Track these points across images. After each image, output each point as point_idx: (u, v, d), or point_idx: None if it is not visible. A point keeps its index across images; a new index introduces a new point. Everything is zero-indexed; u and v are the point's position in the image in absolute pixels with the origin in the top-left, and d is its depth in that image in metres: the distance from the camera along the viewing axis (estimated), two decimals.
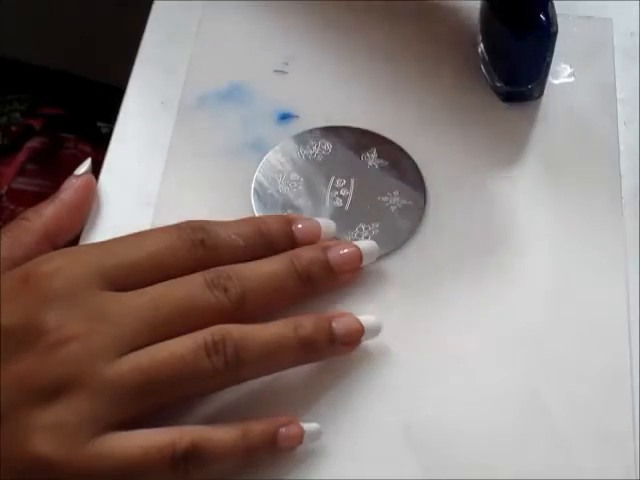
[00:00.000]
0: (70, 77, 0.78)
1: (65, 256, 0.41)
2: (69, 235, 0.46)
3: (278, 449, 0.39)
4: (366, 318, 0.42)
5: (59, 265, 0.40)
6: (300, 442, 0.40)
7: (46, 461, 0.36)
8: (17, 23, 0.79)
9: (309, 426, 0.40)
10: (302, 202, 0.48)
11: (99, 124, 0.74)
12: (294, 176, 0.48)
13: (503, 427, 0.42)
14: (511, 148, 0.49)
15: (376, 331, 0.42)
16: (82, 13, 0.79)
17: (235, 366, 0.39)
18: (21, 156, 0.68)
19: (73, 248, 0.43)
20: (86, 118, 0.73)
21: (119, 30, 0.63)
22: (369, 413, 0.42)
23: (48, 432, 0.36)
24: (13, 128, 0.70)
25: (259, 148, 0.49)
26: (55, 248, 0.43)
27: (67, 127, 0.72)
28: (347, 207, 0.47)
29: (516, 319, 0.44)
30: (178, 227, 0.42)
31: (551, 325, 0.44)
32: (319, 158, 0.49)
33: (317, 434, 0.40)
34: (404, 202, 0.48)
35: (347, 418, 0.42)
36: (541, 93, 0.51)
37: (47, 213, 0.45)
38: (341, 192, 0.48)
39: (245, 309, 0.40)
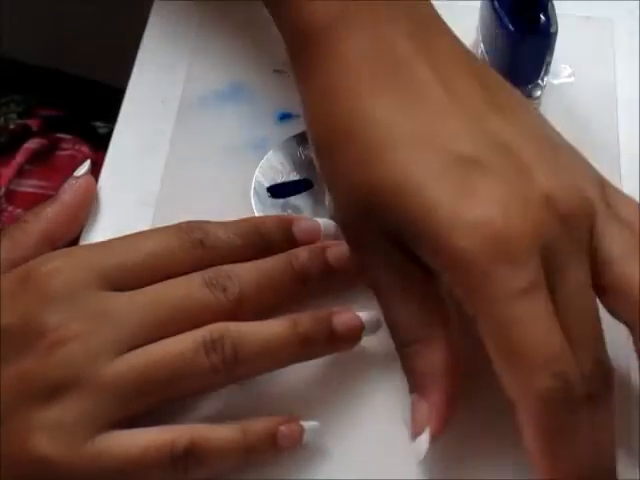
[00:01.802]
0: (69, 77, 0.78)
1: (64, 256, 0.41)
2: (68, 236, 0.46)
3: (278, 448, 0.39)
4: (366, 314, 0.42)
5: (58, 265, 0.40)
6: (300, 441, 0.40)
7: (46, 461, 0.36)
8: (16, 23, 0.79)
9: (309, 425, 0.40)
10: (302, 202, 0.48)
11: (98, 124, 0.73)
12: (294, 176, 0.48)
13: (503, 427, 0.42)
14: None
15: (376, 327, 0.42)
16: (82, 13, 0.79)
17: (234, 364, 0.39)
18: (19, 157, 0.68)
19: (72, 248, 0.43)
20: (85, 119, 0.73)
21: (119, 30, 0.63)
22: (369, 412, 0.42)
23: (48, 432, 0.36)
24: (11, 128, 0.70)
25: (259, 148, 0.49)
26: (54, 249, 0.43)
27: (65, 128, 0.72)
28: None
29: None
30: (177, 227, 0.42)
31: None
32: None
33: (317, 433, 0.40)
34: None
35: (346, 417, 0.42)
36: (541, 93, 0.51)
37: (46, 215, 0.45)
38: None
39: (244, 308, 0.40)
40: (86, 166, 0.47)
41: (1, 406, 0.37)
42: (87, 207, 0.47)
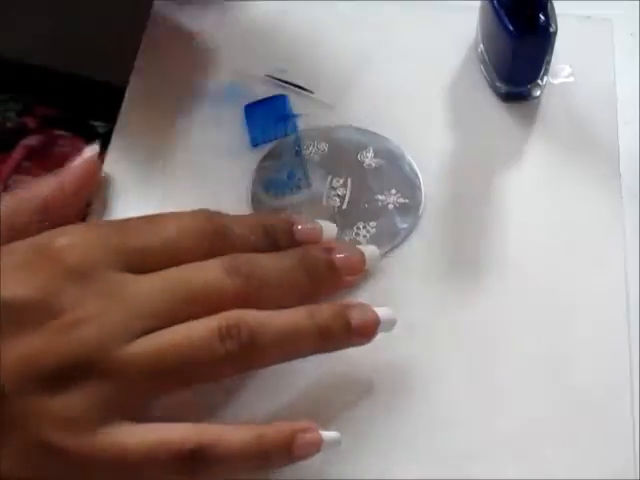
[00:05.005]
0: (68, 77, 0.78)
1: (80, 231, 0.39)
2: (67, 211, 0.45)
3: (294, 456, 0.38)
4: (382, 310, 0.41)
5: (74, 240, 0.38)
6: (318, 450, 0.38)
7: (52, 448, 0.35)
8: (15, 23, 0.79)
9: (329, 435, 0.39)
10: (300, 201, 0.48)
11: (96, 124, 0.73)
12: (292, 176, 0.48)
13: (503, 427, 0.42)
14: (510, 148, 0.50)
15: (391, 324, 0.41)
16: (82, 13, 0.79)
17: (249, 351, 0.38)
18: (17, 154, 0.68)
19: (89, 224, 0.43)
20: (84, 118, 0.73)
21: (119, 30, 0.63)
22: (369, 410, 0.42)
23: (56, 419, 0.35)
24: (8, 125, 0.70)
25: (258, 148, 0.49)
26: (52, 222, 0.42)
27: (63, 126, 0.72)
28: (345, 206, 0.47)
29: (515, 318, 0.44)
30: (194, 214, 0.41)
31: (551, 325, 0.44)
32: (317, 157, 0.49)
33: (337, 443, 0.39)
34: (401, 201, 0.48)
35: (344, 417, 0.42)
36: (541, 93, 0.51)
37: (46, 184, 0.44)
38: (339, 191, 0.48)
39: (261, 295, 0.39)
40: (95, 147, 0.47)
41: (8, 388, 0.35)
42: (89, 184, 0.46)
